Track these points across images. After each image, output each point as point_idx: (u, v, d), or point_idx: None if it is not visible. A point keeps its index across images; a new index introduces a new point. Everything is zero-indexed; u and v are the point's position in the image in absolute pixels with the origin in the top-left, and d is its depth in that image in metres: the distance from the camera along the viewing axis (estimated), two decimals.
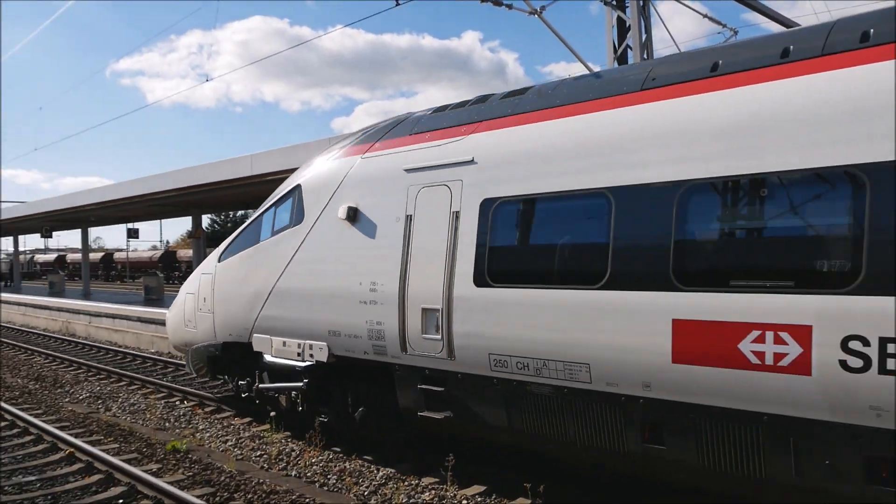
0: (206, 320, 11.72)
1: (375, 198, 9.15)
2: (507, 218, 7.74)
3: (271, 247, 10.48)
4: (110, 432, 11.10)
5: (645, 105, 6.89)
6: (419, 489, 8.18)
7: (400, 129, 9.55)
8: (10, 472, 9.17)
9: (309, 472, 8.92)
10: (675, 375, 6.20)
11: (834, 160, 5.49)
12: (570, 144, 7.28)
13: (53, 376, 16.25)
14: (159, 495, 7.91)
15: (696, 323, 6.07)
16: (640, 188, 6.58)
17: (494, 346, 7.52)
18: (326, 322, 9.42)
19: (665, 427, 6.44)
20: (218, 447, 10.29)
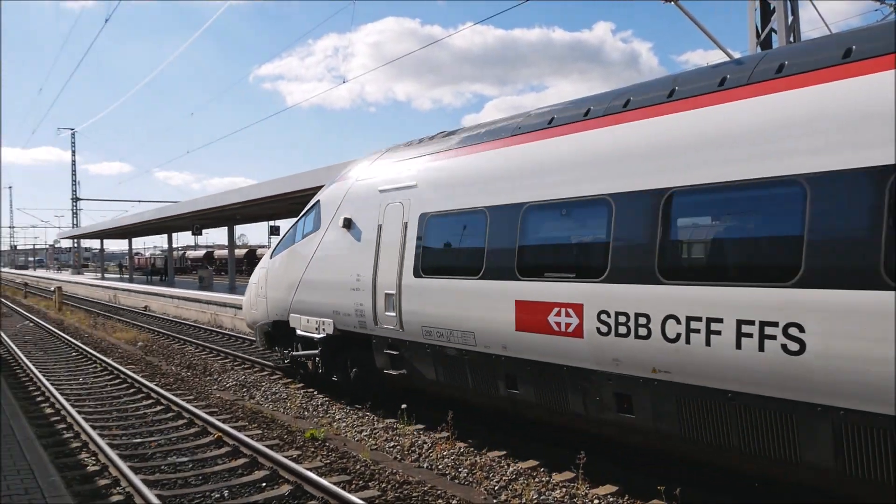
0: (262, 304, 15.07)
1: (361, 211, 12.09)
2: (432, 227, 10.47)
3: (301, 247, 13.66)
4: (254, 419, 11.70)
5: (511, 147, 9.49)
6: (550, 486, 8.13)
7: (380, 159, 12.52)
8: (165, 453, 9.86)
9: (440, 465, 9.06)
10: (517, 339, 8.74)
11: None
12: (464, 175, 10.12)
13: (203, 365, 17.31)
14: (299, 480, 8.25)
15: (527, 303, 8.59)
16: (495, 208, 9.27)
17: (425, 320, 10.26)
18: (332, 304, 12.36)
19: (517, 377, 8.99)
20: (353, 437, 10.63)
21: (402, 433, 10.44)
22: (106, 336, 23.72)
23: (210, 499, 8.02)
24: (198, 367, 17.00)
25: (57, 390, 13.57)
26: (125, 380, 15.22)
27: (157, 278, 56.32)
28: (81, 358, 18.94)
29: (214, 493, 8.17)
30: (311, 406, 12.54)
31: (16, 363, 17.79)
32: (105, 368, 16.84)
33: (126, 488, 8.10)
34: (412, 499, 7.87)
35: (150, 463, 9.35)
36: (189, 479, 8.67)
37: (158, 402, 12.99)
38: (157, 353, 19.45)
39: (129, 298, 41.24)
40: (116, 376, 15.79)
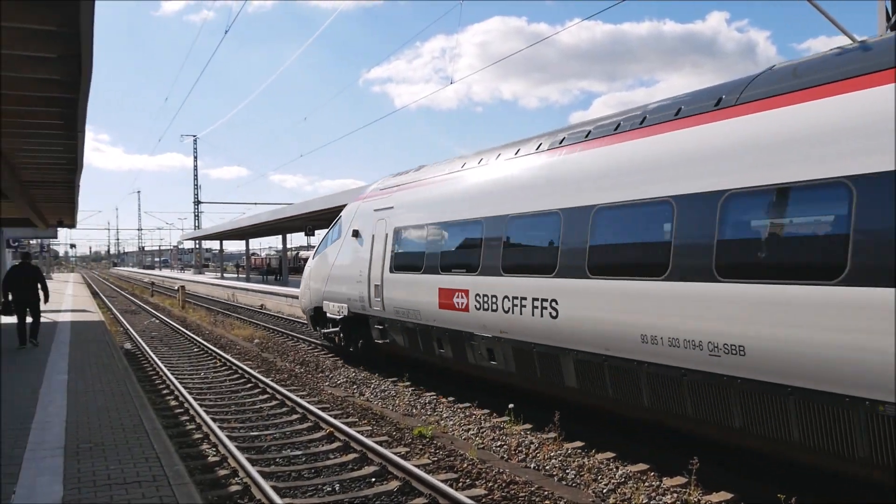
0: (307, 294, 19.75)
1: (364, 225, 16.40)
2: (400, 237, 14.55)
3: (329, 251, 18.27)
4: (364, 415, 11.95)
5: (446, 181, 13.39)
6: (660, 491, 7.91)
7: (376, 187, 17.09)
8: (280, 446, 10.21)
9: (547, 466, 8.98)
10: (440, 314, 12.56)
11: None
12: (417, 201, 14.24)
13: (315, 361, 17.83)
14: (407, 477, 8.37)
15: (445, 289, 12.41)
16: (431, 224, 13.34)
17: (396, 303, 14.29)
18: (347, 293, 16.72)
19: (442, 340, 12.81)
20: (460, 435, 10.69)
21: (510, 433, 10.41)
22: (225, 333, 24.81)
23: (322, 492, 8.25)
24: (310, 364, 17.53)
25: (180, 384, 14.30)
26: (243, 375, 15.87)
27: (272, 278, 58.32)
28: (202, 353, 19.89)
29: (326, 486, 8.40)
30: (419, 404, 12.70)
31: (143, 358, 18.87)
32: (224, 364, 17.61)
33: (244, 479, 8.44)
34: (519, 499, 7.83)
35: (265, 455, 9.71)
36: (302, 473, 8.95)
37: (273, 396, 13.47)
38: (272, 350, 20.18)
39: (247, 297, 42.96)
40: (235, 371, 16.49)
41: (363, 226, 16.37)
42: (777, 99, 7.40)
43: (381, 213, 15.58)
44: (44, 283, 16.90)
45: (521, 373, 10.87)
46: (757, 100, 7.62)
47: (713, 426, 7.86)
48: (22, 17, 6.08)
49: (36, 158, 13.17)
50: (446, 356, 12.86)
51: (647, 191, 8.50)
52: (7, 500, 6.45)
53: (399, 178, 15.93)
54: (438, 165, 14.45)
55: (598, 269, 9.09)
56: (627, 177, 8.88)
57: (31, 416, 9.79)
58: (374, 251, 15.36)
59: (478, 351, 11.73)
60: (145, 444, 8.36)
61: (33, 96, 8.72)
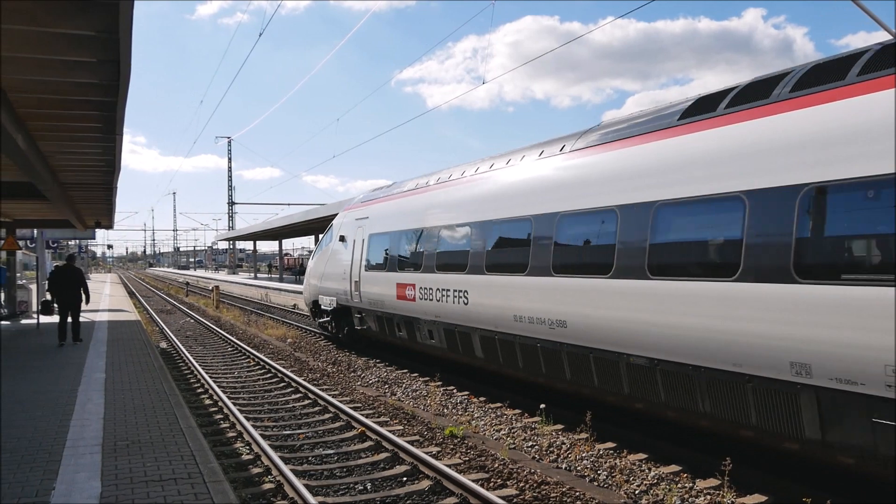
0: (308, 290, 23.20)
1: (348, 231, 19.58)
2: (372, 241, 17.57)
3: (323, 253, 21.71)
4: (395, 415, 12.01)
5: (409, 198, 16.49)
6: (693, 492, 7.85)
7: (358, 200, 20.48)
8: (313, 445, 10.30)
9: (579, 466, 8.95)
10: (397, 304, 15.62)
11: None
12: (384, 211, 17.44)
13: (347, 361, 17.94)
14: (438, 476, 8.40)
15: (400, 284, 15.52)
16: (394, 232, 16.39)
17: (369, 296, 17.31)
18: (336, 288, 19.83)
19: (401, 325, 15.74)
20: (491, 435, 10.70)
21: (541, 433, 10.40)
22: (258, 332, 25.07)
23: (354, 490, 8.31)
24: (342, 364, 17.65)
25: (215, 383, 14.49)
26: (276, 374, 16.03)
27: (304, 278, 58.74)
28: (236, 353, 20.12)
29: (358, 485, 8.46)
30: (450, 403, 12.73)
31: (179, 357, 19.14)
32: (257, 363, 17.80)
33: (276, 477, 8.53)
34: (550, 499, 7.82)
35: (298, 454, 9.80)
36: (334, 471, 9.02)
37: (306, 396, 13.59)
38: (304, 350, 20.35)
39: (280, 297, 43.35)
40: (268, 371, 16.66)
41: (347, 232, 19.75)
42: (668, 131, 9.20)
43: (359, 221, 18.94)
44: (85, 285, 17.51)
45: (450, 348, 14.07)
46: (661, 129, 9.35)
47: (558, 381, 10.93)
48: (63, 22, 6.22)
49: (75, 161, 13.43)
50: (403, 337, 16.13)
51: (514, 211, 11.99)
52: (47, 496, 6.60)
53: (376, 192, 19.70)
54: (404, 183, 17.89)
55: (491, 268, 12.38)
56: (506, 199, 12.36)
57: (70, 413, 10.00)
58: (354, 254, 18.67)
59: (422, 332, 14.99)
60: (181, 441, 8.49)
61: (73, 100, 8.90)
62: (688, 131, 8.71)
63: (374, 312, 17.20)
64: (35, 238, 33.35)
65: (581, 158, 10.60)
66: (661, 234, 8.74)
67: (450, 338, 13.79)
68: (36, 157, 11.64)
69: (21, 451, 8.09)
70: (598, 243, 9.90)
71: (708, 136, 8.35)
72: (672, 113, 9.32)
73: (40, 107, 9.16)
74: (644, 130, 9.55)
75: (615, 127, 10.43)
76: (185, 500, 6.48)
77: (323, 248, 21.76)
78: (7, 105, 8.66)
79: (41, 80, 8.05)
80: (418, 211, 15.59)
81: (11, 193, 16.61)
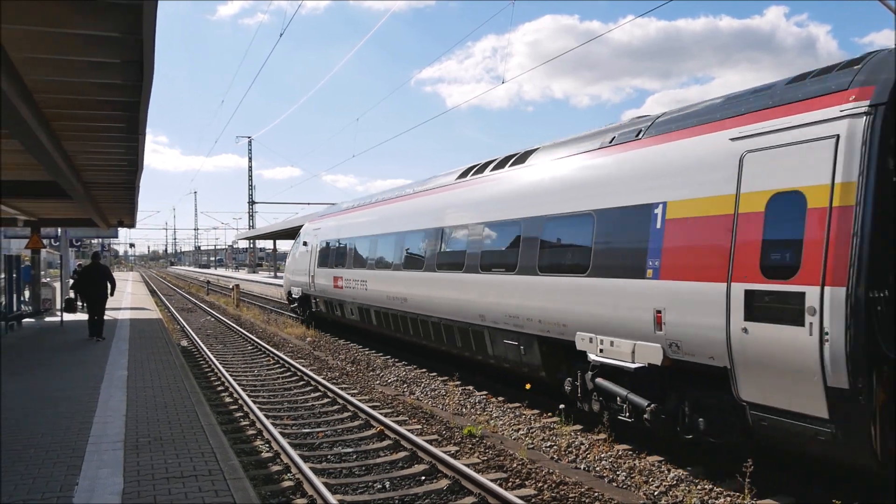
0: (284, 283, 30.22)
1: (309, 238, 26.00)
2: (322, 247, 23.99)
3: (293, 255, 28.65)
4: (414, 414, 12.03)
5: (350, 214, 22.67)
6: (713, 494, 7.81)
7: (318, 215, 27.94)
8: (332, 443, 10.35)
9: (598, 467, 8.93)
10: (335, 291, 22.06)
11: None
12: (328, 225, 24.31)
13: (367, 360, 18.01)
14: (457, 475, 8.41)
15: (335, 277, 22.10)
16: (342, 238, 22.19)
17: (320, 287, 23.73)
18: (300, 281, 26.38)
19: (337, 306, 22.32)
20: (510, 435, 10.69)
21: (560, 433, 10.38)
22: (278, 331, 25.23)
23: (372, 489, 8.34)
24: (361, 363, 17.71)
25: (235, 381, 14.60)
26: (295, 373, 16.12)
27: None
28: (256, 351, 20.25)
29: (377, 483, 8.49)
30: (468, 403, 12.74)
31: (199, 355, 19.30)
32: (277, 361, 17.91)
33: (296, 475, 8.58)
34: (569, 500, 7.80)
35: (317, 452, 9.85)
36: (353, 470, 9.06)
37: (325, 394, 13.66)
38: (324, 349, 20.44)
39: None
40: (287, 369, 16.76)
41: (308, 239, 26.28)
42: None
43: (315, 231, 25.63)
44: (112, 279, 18.61)
45: (361, 321, 20.26)
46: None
47: (405, 336, 17.13)
48: (89, 24, 6.29)
49: (98, 160, 13.55)
50: (338, 315, 22.48)
51: (386, 228, 18.72)
52: (70, 492, 6.69)
53: (330, 209, 27.52)
54: (343, 203, 25.31)
55: (375, 265, 18.71)
56: (382, 221, 19.26)
57: (93, 410, 10.12)
58: (312, 256, 25.11)
59: (347, 310, 21.25)
60: (201, 439, 8.56)
61: (97, 100, 8.99)
62: (457, 188, 15.02)
63: (323, 298, 23.90)
64: (59, 237, 33.73)
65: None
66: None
67: (361, 313, 19.97)
68: (60, 156, 11.78)
69: (45, 446, 8.21)
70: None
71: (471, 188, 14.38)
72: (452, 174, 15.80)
73: (65, 107, 9.27)
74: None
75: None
76: (206, 496, 6.54)
77: (293, 251, 29.13)
78: (33, 105, 8.78)
79: (66, 81, 8.14)
80: (345, 226, 22.35)
81: (36, 192, 16.83)
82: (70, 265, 35.39)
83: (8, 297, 21.38)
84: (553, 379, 11.30)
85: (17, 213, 23.54)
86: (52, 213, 24.27)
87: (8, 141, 10.80)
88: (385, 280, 17.68)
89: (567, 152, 11.32)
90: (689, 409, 8.50)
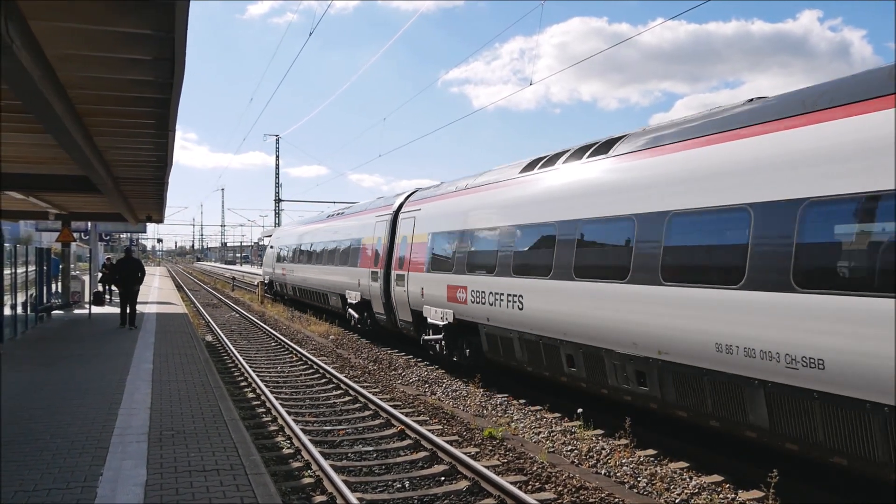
0: (263, 273, 44.49)
1: (276, 242, 40.27)
2: (282, 248, 37.64)
3: (268, 252, 42.80)
4: (435, 414, 12.04)
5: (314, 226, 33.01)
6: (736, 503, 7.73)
7: (285, 225, 55.39)
8: (352, 441, 10.40)
9: (619, 472, 8.87)
10: (285, 277, 35.52)
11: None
12: (288, 232, 39.15)
13: (388, 359, 18.05)
14: (476, 477, 8.40)
15: (285, 269, 34.95)
16: (307, 244, 31.49)
17: (277, 275, 37.73)
18: (270, 271, 40.32)
19: (300, 290, 32.66)
20: (531, 438, 10.66)
21: (580, 437, 10.33)
22: (301, 328, 25.36)
23: (392, 488, 8.36)
24: (383, 362, 17.76)
25: (258, 376, 14.71)
26: (317, 370, 16.20)
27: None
28: (279, 348, 20.39)
29: (396, 483, 8.51)
30: (490, 405, 12.72)
31: (224, 351, 19.47)
32: (300, 359, 18.01)
33: (316, 472, 8.63)
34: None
35: (338, 450, 9.90)
36: (373, 468, 9.09)
37: (347, 392, 13.71)
38: (346, 347, 20.52)
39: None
40: (310, 366, 16.84)
41: (276, 242, 38.83)
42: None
43: (277, 236, 39.58)
44: (143, 270, 20.49)
45: (299, 297, 31.54)
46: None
47: (317, 302, 28.94)
48: (121, 21, 6.38)
49: (129, 156, 13.73)
50: (289, 293, 33.42)
51: (320, 238, 29.42)
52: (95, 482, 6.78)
53: (290, 223, 42.29)
54: (294, 221, 39.73)
55: (309, 261, 29.19)
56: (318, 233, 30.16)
57: (118, 402, 10.25)
58: (279, 253, 36.71)
59: (288, 289, 33.23)
60: (224, 433, 8.64)
61: (128, 96, 9.11)
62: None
63: (280, 282, 35.95)
64: (89, 230, 34.23)
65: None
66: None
67: (301, 293, 31.05)
68: (92, 152, 11.95)
69: (71, 437, 8.33)
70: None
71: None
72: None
73: (97, 103, 9.41)
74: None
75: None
76: (227, 490, 6.60)
77: (267, 249, 42.34)
78: (67, 101, 8.92)
79: (99, 77, 8.26)
80: (296, 234, 33.52)
81: (67, 187, 17.09)
82: (99, 259, 35.87)
83: (39, 289, 21.74)
84: None
85: (48, 207, 23.93)
86: (83, 207, 24.64)
87: (41, 136, 10.98)
88: (303, 270, 30.59)
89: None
90: None
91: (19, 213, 26.74)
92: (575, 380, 11.07)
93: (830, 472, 8.08)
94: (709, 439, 9.74)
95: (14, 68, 6.46)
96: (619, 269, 9.69)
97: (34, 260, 21.21)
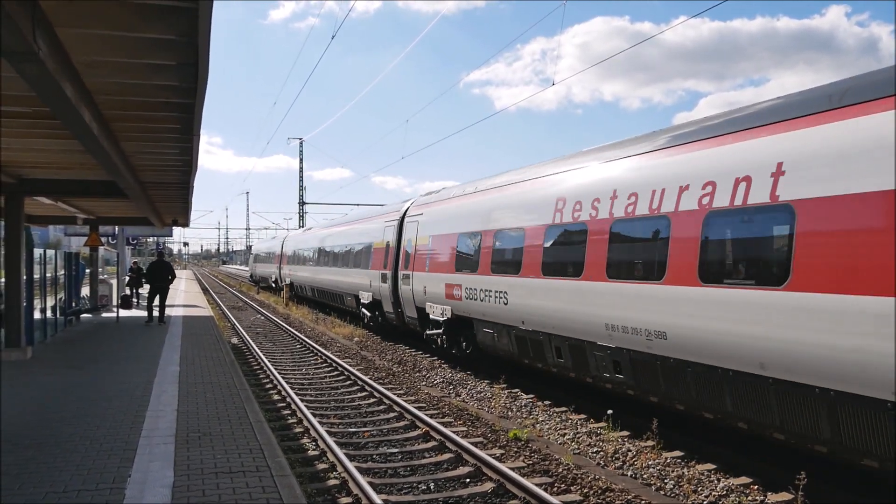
0: (254, 270, 66.10)
1: (276, 244, 52.57)
2: (295, 253, 42.87)
3: (264, 254, 60.05)
4: (459, 416, 12.02)
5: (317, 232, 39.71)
6: None
7: (289, 232, 58.64)
8: (377, 443, 10.41)
9: (645, 474, 8.80)
10: (304, 278, 38.68)
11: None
12: (301, 239, 43.74)
13: (413, 361, 18.06)
14: (502, 479, 8.37)
15: (300, 269, 39.62)
16: (313, 248, 35.83)
17: (261, 272, 59.79)
18: (270, 272, 53.79)
19: (298, 286, 41.02)
20: (556, 440, 10.61)
21: (607, 439, 10.26)
22: (326, 331, 25.46)
23: (417, 490, 8.35)
24: (408, 364, 17.77)
25: (283, 379, 14.78)
26: (342, 372, 16.24)
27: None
28: (304, 350, 20.48)
29: (421, 484, 8.50)
30: (514, 406, 12.68)
31: (249, 353, 19.59)
32: (325, 361, 18.08)
33: (341, 474, 8.65)
34: None
35: (362, 451, 9.91)
36: (398, 470, 9.09)
37: (372, 394, 13.73)
38: (371, 349, 20.57)
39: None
40: (335, 368, 16.90)
41: (275, 244, 50.60)
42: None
43: (286, 241, 46.35)
44: (173, 272, 23.21)
45: (302, 291, 38.44)
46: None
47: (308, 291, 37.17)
48: (148, 26, 6.46)
49: (154, 161, 13.88)
50: (302, 293, 38.00)
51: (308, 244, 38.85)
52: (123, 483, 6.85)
53: (295, 230, 53.86)
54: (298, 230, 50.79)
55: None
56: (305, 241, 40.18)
57: (146, 404, 10.35)
58: (281, 256, 45.87)
59: (309, 287, 35.32)
60: (249, 435, 8.69)
61: (154, 102, 9.21)
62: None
63: (298, 283, 39.53)
64: (116, 235, 34.64)
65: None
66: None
67: (319, 294, 33.02)
68: (119, 157, 12.09)
69: (100, 439, 8.42)
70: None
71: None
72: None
73: (123, 108, 9.52)
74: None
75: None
76: (253, 492, 6.63)
77: (262, 251, 56.16)
78: (94, 107, 9.03)
79: (125, 83, 8.36)
80: (308, 239, 37.49)
81: (95, 192, 17.32)
82: (126, 263, 36.28)
83: (67, 293, 22.04)
84: None
85: (76, 212, 24.25)
86: (110, 211, 24.93)
87: (69, 142, 11.13)
88: (310, 271, 35.19)
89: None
90: None
91: (48, 218, 27.11)
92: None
93: (858, 476, 7.96)
94: (737, 441, 9.63)
95: (41, 75, 6.56)
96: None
97: (63, 264, 21.50)
